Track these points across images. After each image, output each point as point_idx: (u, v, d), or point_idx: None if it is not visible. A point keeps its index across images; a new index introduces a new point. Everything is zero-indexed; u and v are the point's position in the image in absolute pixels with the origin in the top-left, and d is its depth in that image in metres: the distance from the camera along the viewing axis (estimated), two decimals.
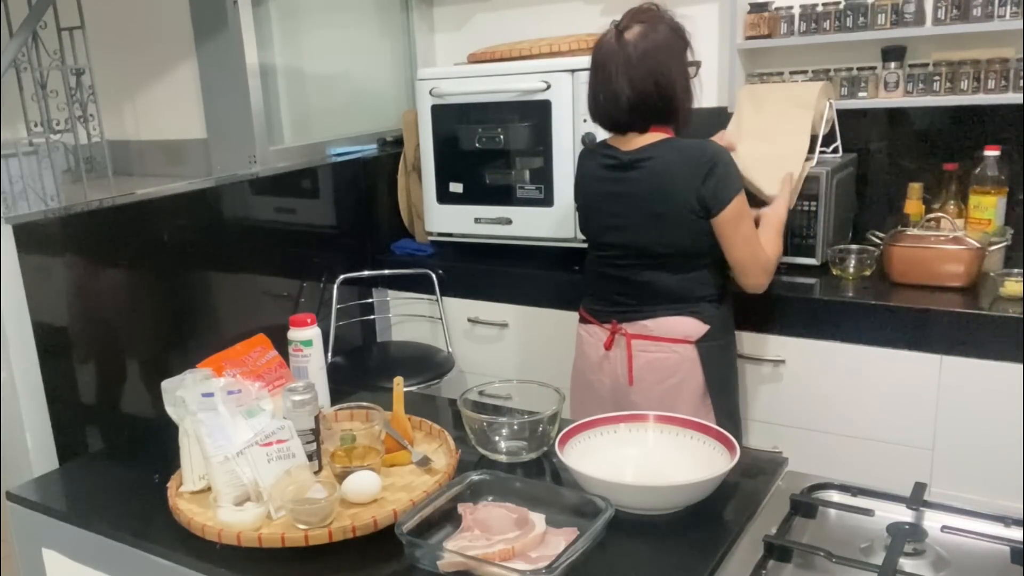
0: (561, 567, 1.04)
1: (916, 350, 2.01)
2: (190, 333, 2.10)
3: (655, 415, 1.41)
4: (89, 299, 1.86)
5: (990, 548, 1.11)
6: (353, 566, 1.17)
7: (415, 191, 2.85)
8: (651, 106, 1.77)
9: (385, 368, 2.63)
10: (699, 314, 1.85)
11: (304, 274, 2.55)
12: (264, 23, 2.65)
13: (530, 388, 1.54)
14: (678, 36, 1.81)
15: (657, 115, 1.79)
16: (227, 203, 2.26)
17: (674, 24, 1.81)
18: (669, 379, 1.85)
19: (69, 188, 2.52)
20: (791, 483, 1.31)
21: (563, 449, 1.32)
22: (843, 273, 2.25)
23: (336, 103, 2.98)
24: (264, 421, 1.34)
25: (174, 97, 2.84)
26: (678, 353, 1.84)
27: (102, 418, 1.89)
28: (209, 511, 1.28)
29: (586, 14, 2.87)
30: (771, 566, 1.11)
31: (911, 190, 2.36)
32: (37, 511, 1.44)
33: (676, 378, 1.84)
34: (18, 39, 2.27)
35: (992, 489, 1.93)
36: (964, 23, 2.23)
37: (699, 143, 1.81)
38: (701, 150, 1.78)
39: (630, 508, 1.22)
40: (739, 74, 2.57)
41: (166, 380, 1.41)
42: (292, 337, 1.58)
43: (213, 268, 2.21)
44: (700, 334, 1.84)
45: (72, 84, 2.51)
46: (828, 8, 2.41)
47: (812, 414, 2.17)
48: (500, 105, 2.52)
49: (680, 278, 1.83)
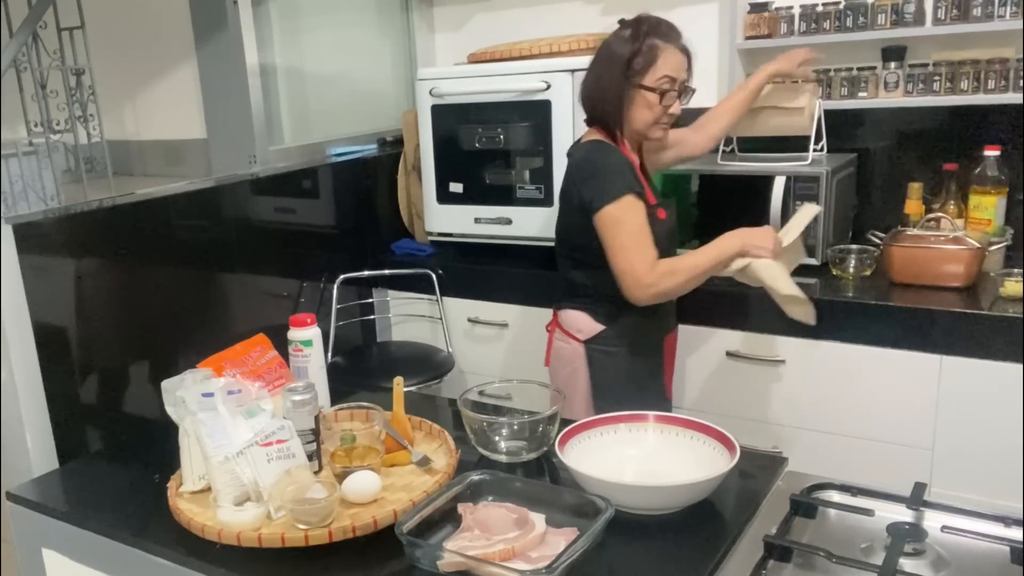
0: (561, 567, 1.04)
1: (916, 350, 2.01)
2: (190, 333, 2.10)
3: (655, 415, 1.41)
4: (89, 299, 1.86)
5: (990, 548, 1.11)
6: (353, 566, 1.17)
7: (415, 191, 2.85)
8: (586, 106, 1.89)
9: (385, 368, 2.63)
10: (596, 313, 1.88)
11: (304, 274, 2.55)
12: (264, 23, 2.65)
13: (530, 388, 1.54)
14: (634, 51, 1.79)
15: (592, 116, 1.88)
16: (227, 203, 2.26)
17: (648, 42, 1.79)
18: (565, 368, 1.92)
19: (69, 188, 2.53)
20: (791, 483, 1.31)
21: (563, 449, 1.32)
22: (843, 273, 2.25)
23: (336, 103, 2.98)
24: (264, 421, 1.34)
25: (174, 97, 2.84)
26: (571, 346, 1.91)
27: (102, 418, 1.89)
28: (209, 511, 1.28)
29: (586, 14, 2.87)
30: (771, 566, 1.11)
31: (911, 190, 2.36)
32: (37, 511, 1.44)
33: (570, 368, 1.91)
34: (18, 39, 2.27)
35: (992, 489, 1.93)
36: (964, 23, 2.23)
37: (590, 145, 1.84)
38: (585, 152, 1.84)
39: (630, 508, 1.22)
40: (739, 74, 2.57)
41: (166, 380, 1.41)
42: (292, 337, 1.58)
43: (213, 268, 2.21)
44: (592, 333, 1.88)
45: (72, 84, 2.51)
46: (828, 8, 2.41)
47: (812, 414, 2.17)
48: (500, 105, 2.52)
49: (587, 274, 1.88)
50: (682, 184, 2.44)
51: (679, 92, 1.84)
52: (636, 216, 1.77)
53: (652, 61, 1.80)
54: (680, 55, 1.82)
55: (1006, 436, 1.93)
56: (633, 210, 1.77)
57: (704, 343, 2.28)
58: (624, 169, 1.81)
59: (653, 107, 1.82)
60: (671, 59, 1.81)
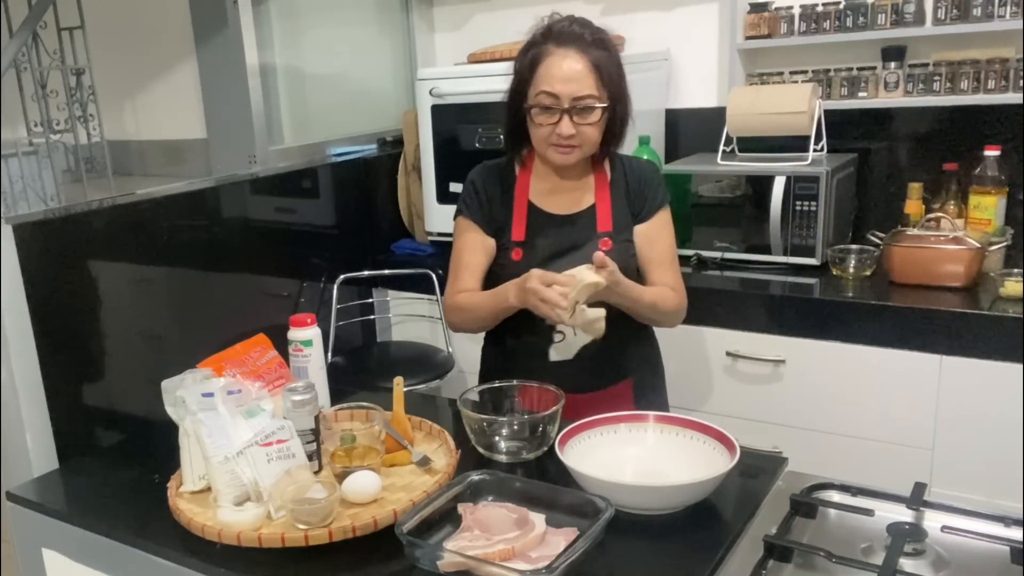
0: (561, 567, 1.04)
1: (916, 350, 2.01)
2: (190, 333, 2.10)
3: (655, 415, 1.41)
4: (89, 299, 1.86)
5: (990, 548, 1.11)
6: (353, 566, 1.17)
7: (415, 191, 2.85)
8: None
9: (385, 368, 2.63)
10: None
11: (304, 274, 2.55)
12: (264, 23, 2.65)
13: (530, 388, 1.54)
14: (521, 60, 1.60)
15: None
16: (227, 203, 2.26)
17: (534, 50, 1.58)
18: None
19: (69, 188, 2.53)
20: (791, 483, 1.31)
21: (563, 449, 1.32)
22: (843, 273, 2.25)
23: (336, 103, 2.98)
24: (264, 421, 1.34)
25: (174, 97, 2.84)
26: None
27: (102, 418, 1.89)
28: (209, 511, 1.28)
29: (586, 14, 2.83)
30: (771, 566, 1.11)
31: (911, 190, 2.36)
32: (37, 511, 1.44)
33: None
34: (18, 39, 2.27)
35: (992, 489, 1.93)
36: (964, 23, 2.23)
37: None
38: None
39: (630, 508, 1.22)
40: (739, 74, 2.57)
41: (166, 380, 1.41)
42: (292, 337, 1.58)
43: (213, 268, 2.21)
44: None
45: (72, 84, 2.51)
46: (828, 8, 2.41)
47: (812, 414, 2.17)
48: (500, 105, 2.51)
49: None
50: (681, 184, 2.44)
51: (567, 110, 1.53)
52: (459, 239, 1.70)
53: (532, 72, 1.57)
54: (575, 63, 1.53)
55: (1006, 436, 1.93)
56: (459, 232, 1.71)
57: (704, 343, 2.28)
58: (471, 189, 1.71)
59: (537, 126, 1.58)
60: (555, 70, 1.53)
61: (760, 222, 2.33)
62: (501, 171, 1.73)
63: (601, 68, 1.55)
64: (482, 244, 1.68)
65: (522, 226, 1.67)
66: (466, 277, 1.67)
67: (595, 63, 1.54)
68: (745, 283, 2.28)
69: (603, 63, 1.55)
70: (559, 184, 1.68)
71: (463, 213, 1.70)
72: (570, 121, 1.54)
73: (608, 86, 1.56)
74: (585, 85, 1.53)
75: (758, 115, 2.36)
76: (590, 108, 1.54)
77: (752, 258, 2.37)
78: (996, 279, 2.05)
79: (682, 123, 2.78)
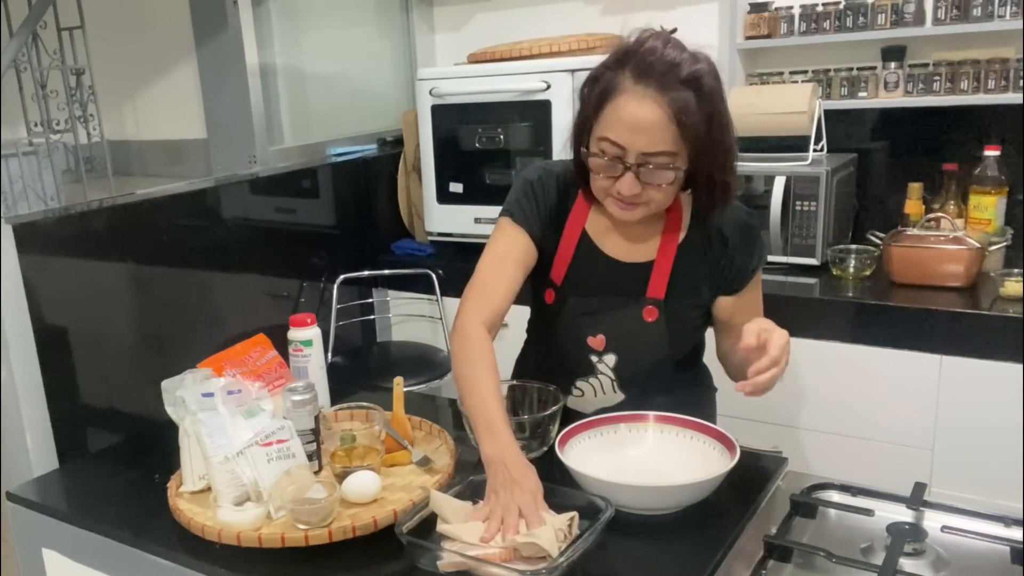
0: (561, 567, 1.04)
1: (916, 350, 2.01)
2: (190, 333, 2.10)
3: (655, 415, 1.41)
4: (89, 299, 1.86)
5: (990, 548, 1.11)
6: (353, 566, 1.17)
7: (415, 191, 2.85)
8: None
9: (385, 368, 2.63)
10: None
11: (304, 274, 2.55)
12: (264, 23, 2.65)
13: (530, 388, 1.54)
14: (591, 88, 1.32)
15: None
16: (227, 203, 2.26)
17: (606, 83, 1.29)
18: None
19: (69, 188, 2.52)
20: (791, 483, 1.31)
21: (563, 449, 1.32)
22: (843, 273, 2.25)
23: (336, 103, 2.98)
24: (264, 421, 1.34)
25: (174, 97, 2.84)
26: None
27: (102, 418, 1.89)
28: (209, 511, 1.28)
29: (586, 14, 2.87)
30: (771, 566, 1.11)
31: (911, 190, 2.36)
32: (37, 511, 1.43)
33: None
34: (18, 39, 2.27)
35: (992, 489, 1.93)
36: (964, 23, 2.23)
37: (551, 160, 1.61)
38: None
39: (630, 508, 1.22)
40: (739, 74, 2.57)
41: (166, 380, 1.41)
42: (292, 337, 1.58)
43: (213, 268, 2.21)
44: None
45: (72, 84, 2.51)
46: (828, 8, 2.41)
47: (812, 414, 2.17)
48: (500, 105, 2.52)
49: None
50: None
51: (631, 166, 1.25)
52: (499, 242, 1.43)
53: (598, 111, 1.27)
54: (651, 110, 1.21)
55: (1006, 436, 1.93)
56: (500, 232, 1.43)
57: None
58: (528, 190, 1.44)
59: (595, 173, 1.31)
60: (625, 115, 1.23)
61: (760, 222, 2.32)
62: (561, 182, 1.44)
63: (686, 117, 1.21)
64: (526, 256, 1.42)
65: (566, 262, 1.44)
66: (493, 297, 1.40)
67: (679, 111, 1.21)
68: None
69: (690, 110, 1.21)
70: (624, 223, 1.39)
71: (513, 214, 1.42)
72: (635, 179, 1.26)
73: (691, 137, 1.23)
74: (660, 139, 1.23)
75: (758, 115, 2.36)
76: (662, 167, 1.25)
77: None
78: (996, 279, 2.05)
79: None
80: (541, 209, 1.44)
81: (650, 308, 1.41)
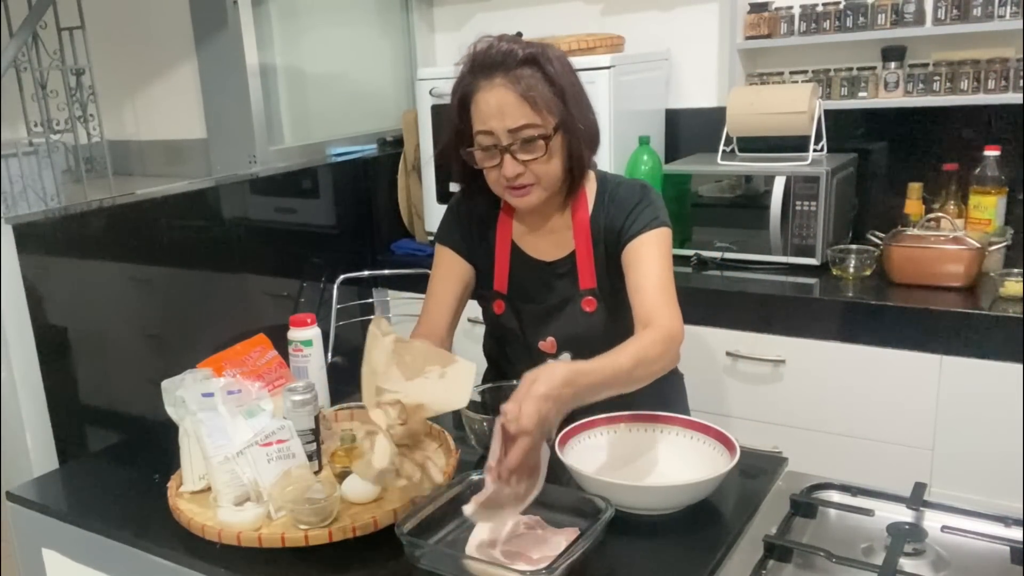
0: (561, 567, 1.04)
1: (916, 350, 2.01)
2: (190, 333, 2.10)
3: (655, 415, 1.41)
4: (89, 299, 1.86)
5: (990, 548, 1.11)
6: (353, 566, 1.17)
7: (415, 191, 2.85)
8: None
9: None
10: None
11: (304, 274, 2.55)
12: (264, 23, 2.65)
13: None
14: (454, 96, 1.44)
15: None
16: (227, 203, 2.26)
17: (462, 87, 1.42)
18: None
19: (69, 188, 2.52)
20: (791, 483, 1.31)
21: (563, 449, 1.32)
22: (843, 273, 2.25)
23: (336, 103, 2.98)
24: (264, 421, 1.34)
25: (174, 97, 2.84)
26: None
27: (102, 418, 1.89)
28: (209, 511, 1.28)
29: (586, 14, 2.87)
30: (771, 566, 1.11)
31: (911, 190, 2.36)
32: (37, 511, 1.43)
33: None
34: (18, 39, 2.27)
35: (992, 489, 1.93)
36: (964, 23, 2.23)
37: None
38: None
39: (630, 508, 1.22)
40: (739, 74, 2.57)
41: (166, 380, 1.41)
42: (292, 337, 1.58)
43: (213, 268, 2.21)
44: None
45: (72, 84, 2.51)
46: (828, 8, 2.41)
47: (812, 414, 2.17)
48: None
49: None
50: (681, 184, 2.44)
51: (506, 147, 1.34)
52: (436, 268, 1.60)
53: (465, 116, 1.39)
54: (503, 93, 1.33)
55: (1006, 436, 1.93)
56: (436, 258, 1.60)
57: (704, 343, 2.28)
58: (450, 216, 1.59)
59: (482, 167, 1.41)
60: (484, 105, 1.35)
61: (760, 222, 2.33)
62: (483, 200, 1.53)
63: (533, 91, 1.32)
64: (458, 273, 1.56)
65: (504, 273, 1.53)
66: (429, 316, 1.58)
67: (526, 87, 1.32)
68: (745, 283, 2.28)
69: (535, 83, 1.33)
70: (539, 221, 1.49)
71: (441, 239, 1.59)
72: (513, 160, 1.35)
73: (548, 108, 1.33)
74: (520, 114, 1.32)
75: (758, 115, 2.36)
76: (531, 139, 1.34)
77: (752, 258, 2.37)
78: (996, 279, 2.05)
79: (682, 123, 2.77)
80: (464, 228, 1.56)
81: (588, 299, 1.47)
